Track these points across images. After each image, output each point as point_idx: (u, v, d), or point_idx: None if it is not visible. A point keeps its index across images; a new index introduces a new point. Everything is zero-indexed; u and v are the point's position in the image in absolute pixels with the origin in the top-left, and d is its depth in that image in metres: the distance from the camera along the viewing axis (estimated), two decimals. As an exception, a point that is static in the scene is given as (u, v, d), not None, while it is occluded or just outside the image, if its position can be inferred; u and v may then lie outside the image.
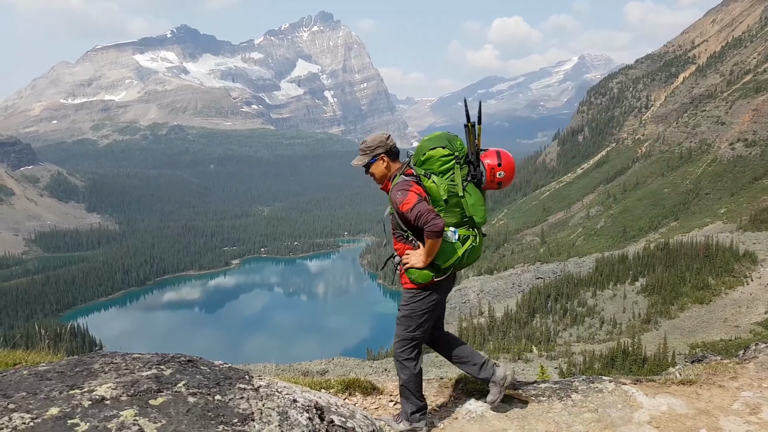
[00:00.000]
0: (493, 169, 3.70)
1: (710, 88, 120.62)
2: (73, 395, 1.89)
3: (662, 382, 4.52)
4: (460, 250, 3.62)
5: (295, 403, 2.28)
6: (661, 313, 55.92)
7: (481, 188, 3.77)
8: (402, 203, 3.47)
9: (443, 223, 3.42)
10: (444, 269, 3.63)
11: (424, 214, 3.38)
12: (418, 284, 3.65)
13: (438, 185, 3.57)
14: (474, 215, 3.67)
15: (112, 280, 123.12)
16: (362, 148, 3.85)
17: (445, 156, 3.64)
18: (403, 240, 3.72)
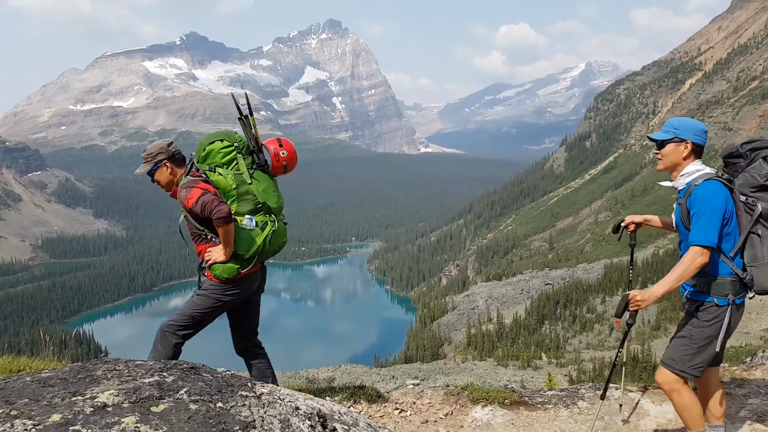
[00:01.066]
0: (276, 151, 3.84)
1: (717, 95, 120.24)
2: (75, 402, 1.89)
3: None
4: (260, 237, 3.67)
5: (298, 411, 2.27)
6: (671, 320, 55.51)
7: (270, 174, 3.86)
8: (186, 199, 3.50)
9: (228, 209, 3.44)
10: (248, 259, 3.66)
11: (208, 203, 3.41)
12: (224, 279, 3.63)
13: (224, 176, 3.61)
14: (267, 201, 3.73)
15: (118, 286, 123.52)
16: (143, 156, 3.85)
17: (224, 148, 3.69)
18: (203, 240, 3.73)
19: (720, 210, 3.06)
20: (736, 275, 3.10)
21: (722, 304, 3.12)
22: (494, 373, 46.07)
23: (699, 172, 3.29)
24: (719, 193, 3.11)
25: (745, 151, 3.30)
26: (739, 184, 3.24)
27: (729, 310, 3.12)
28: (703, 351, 3.20)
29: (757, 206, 3.13)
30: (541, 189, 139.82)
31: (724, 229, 3.11)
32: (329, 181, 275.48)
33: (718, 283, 3.14)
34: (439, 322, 75.34)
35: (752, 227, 3.12)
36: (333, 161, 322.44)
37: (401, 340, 77.43)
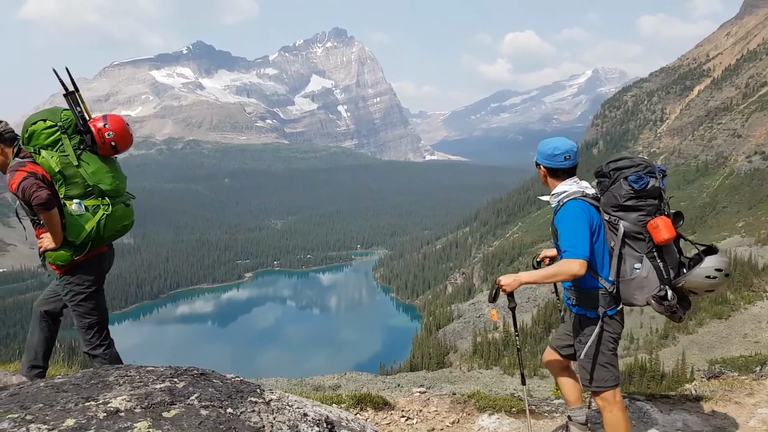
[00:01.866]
0: (101, 131, 3.59)
1: (726, 101, 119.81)
2: (89, 407, 1.93)
3: (678, 399, 4.47)
4: (90, 223, 3.54)
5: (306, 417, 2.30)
6: (679, 329, 55.08)
7: (100, 154, 3.65)
8: (10, 184, 3.39)
9: (46, 194, 3.32)
10: (81, 245, 3.56)
11: (27, 189, 3.29)
12: (61, 266, 3.61)
13: (48, 158, 3.43)
14: (99, 183, 3.56)
15: (126, 293, 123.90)
16: None
17: (48, 128, 3.50)
18: (38, 225, 3.65)
19: (585, 227, 3.21)
20: (606, 289, 3.25)
21: (594, 317, 3.30)
22: (500, 381, 45.82)
23: (565, 192, 3.46)
24: (582, 212, 3.26)
25: (609, 171, 3.43)
26: (603, 203, 3.38)
27: (601, 322, 3.27)
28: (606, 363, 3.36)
29: (619, 226, 3.26)
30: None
31: (593, 246, 3.25)
32: (335, 188, 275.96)
33: (590, 298, 3.31)
34: (444, 330, 75.07)
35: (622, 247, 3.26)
36: (338, 169, 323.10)
37: (406, 348, 77.23)
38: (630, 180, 3.26)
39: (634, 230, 3.24)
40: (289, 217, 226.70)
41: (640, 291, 3.25)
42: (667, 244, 3.27)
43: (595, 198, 3.42)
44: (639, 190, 3.24)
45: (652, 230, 3.21)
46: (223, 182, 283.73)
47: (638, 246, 3.25)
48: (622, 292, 3.28)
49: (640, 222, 3.23)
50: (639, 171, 3.31)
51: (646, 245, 3.24)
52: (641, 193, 3.24)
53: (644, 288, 3.24)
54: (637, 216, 3.24)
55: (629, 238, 3.25)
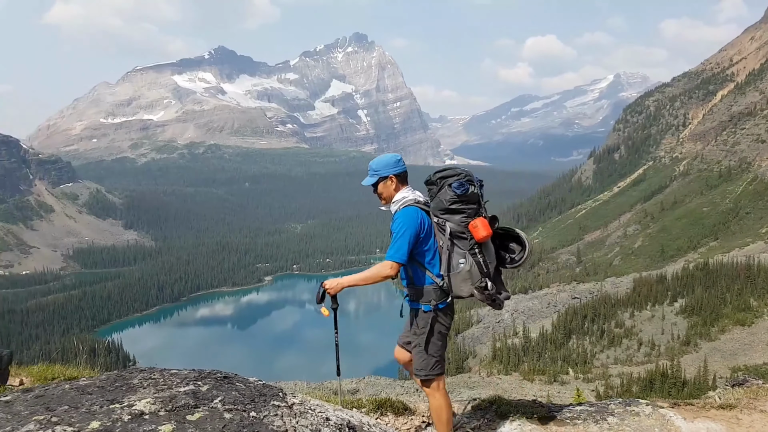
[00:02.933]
0: None
1: (749, 106, 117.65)
2: (114, 409, 1.95)
3: (701, 406, 4.41)
4: None
5: (328, 422, 2.32)
6: (701, 335, 54.15)
7: None
8: None
9: None
10: None
11: None
12: None
13: None
14: None
15: (147, 296, 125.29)
16: None
17: None
18: None
19: (411, 231, 3.68)
20: (436, 284, 3.71)
21: (427, 310, 3.79)
22: (520, 387, 45.41)
23: (404, 199, 3.91)
24: (413, 217, 3.73)
25: (436, 179, 3.91)
26: (432, 208, 3.84)
27: (433, 314, 3.78)
28: (434, 353, 3.89)
29: (446, 227, 3.73)
30: (568, 201, 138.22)
31: (423, 246, 3.75)
32: (354, 193, 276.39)
33: (423, 293, 3.78)
34: (463, 335, 74.67)
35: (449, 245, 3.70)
36: (358, 174, 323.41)
37: (425, 353, 76.89)
38: (453, 186, 3.74)
39: (458, 230, 3.70)
40: (308, 221, 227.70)
41: (464, 283, 3.68)
42: (485, 241, 3.73)
43: (426, 204, 3.90)
44: (461, 195, 3.71)
45: (472, 230, 3.66)
46: (244, 186, 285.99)
47: (462, 244, 3.70)
48: (451, 285, 3.71)
49: (463, 223, 3.69)
50: (461, 179, 3.80)
51: (468, 243, 3.69)
52: (463, 198, 3.71)
53: (468, 280, 3.67)
54: (461, 218, 3.71)
55: (455, 237, 3.70)
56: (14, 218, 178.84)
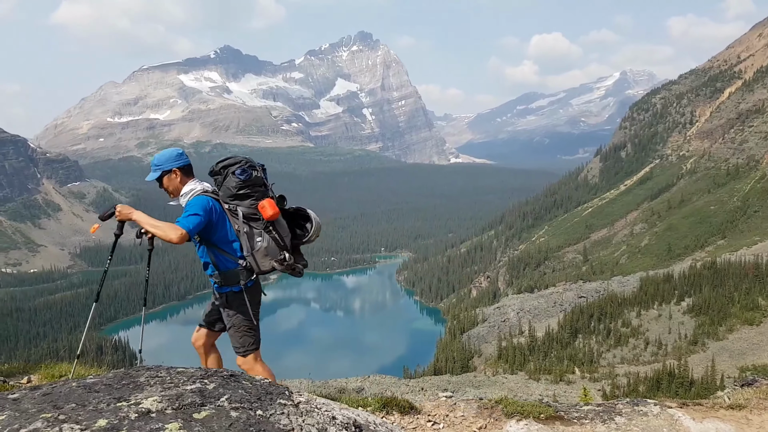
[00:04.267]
0: None
1: (758, 103, 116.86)
2: (120, 407, 1.96)
3: (710, 406, 4.37)
4: None
5: (334, 421, 2.31)
6: (709, 335, 53.91)
7: None
8: None
9: None
10: None
11: None
12: None
13: None
14: None
15: (153, 294, 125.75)
16: None
17: None
18: None
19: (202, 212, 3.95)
20: (241, 265, 4.05)
21: (238, 291, 4.14)
22: (526, 386, 45.34)
23: (192, 190, 4.23)
24: (204, 203, 4.02)
25: (219, 169, 4.27)
26: (222, 196, 4.18)
27: (244, 294, 4.14)
28: (249, 329, 4.34)
29: (238, 211, 4.08)
30: (574, 200, 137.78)
31: (221, 232, 4.07)
32: (359, 191, 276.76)
33: (230, 276, 4.12)
34: (468, 334, 74.65)
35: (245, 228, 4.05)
36: (363, 172, 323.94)
37: (430, 352, 76.93)
38: (237, 174, 4.09)
39: (249, 212, 4.06)
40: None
41: (266, 259, 4.06)
42: (275, 219, 4.08)
43: (215, 192, 4.21)
44: (246, 180, 4.07)
45: (261, 210, 4.02)
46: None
47: (256, 224, 4.07)
48: (255, 264, 4.07)
49: (252, 205, 4.06)
50: (242, 166, 4.14)
51: (261, 223, 4.06)
52: (248, 182, 4.08)
53: (268, 256, 4.06)
54: (250, 201, 4.08)
55: (249, 220, 4.06)
56: (22, 217, 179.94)
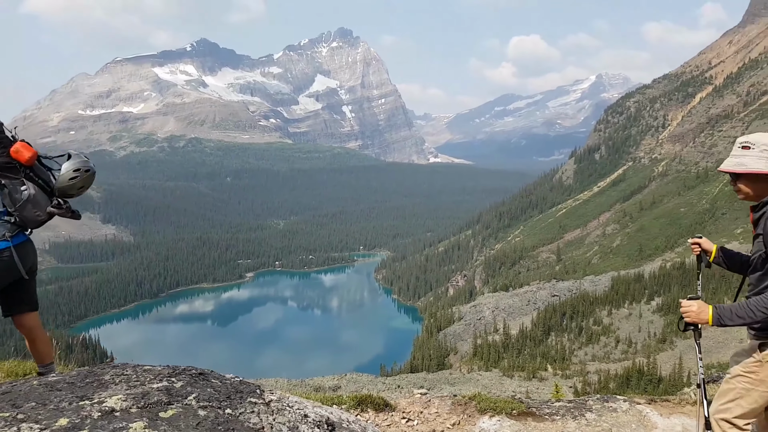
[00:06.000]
0: None
1: (727, 109, 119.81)
2: (83, 406, 1.90)
3: (677, 402, 4.48)
4: None
5: (306, 419, 2.29)
6: (677, 333, 55.04)
7: None
8: None
9: None
10: None
11: None
12: None
13: None
14: None
15: (125, 291, 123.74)
16: None
17: None
18: None
19: None
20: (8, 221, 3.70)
21: (5, 246, 3.69)
22: (500, 383, 45.76)
23: None
24: None
25: None
26: None
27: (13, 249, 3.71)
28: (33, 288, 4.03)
29: None
30: (549, 201, 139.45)
31: None
32: (338, 189, 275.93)
33: None
34: (445, 332, 75.07)
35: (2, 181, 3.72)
36: (342, 170, 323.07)
37: (407, 350, 77.17)
38: None
39: (4, 162, 3.72)
40: (291, 217, 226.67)
41: (38, 207, 3.76)
42: (34, 163, 3.83)
43: None
44: None
45: (16, 155, 3.73)
46: (225, 181, 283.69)
47: (14, 173, 3.74)
48: (26, 217, 3.74)
49: (4, 153, 3.73)
50: None
51: (20, 170, 3.75)
52: None
53: (40, 202, 3.77)
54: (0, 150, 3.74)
55: (5, 171, 3.72)
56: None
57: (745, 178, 3.20)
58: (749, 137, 3.22)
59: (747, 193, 3.23)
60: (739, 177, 3.23)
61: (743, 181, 3.22)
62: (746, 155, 3.17)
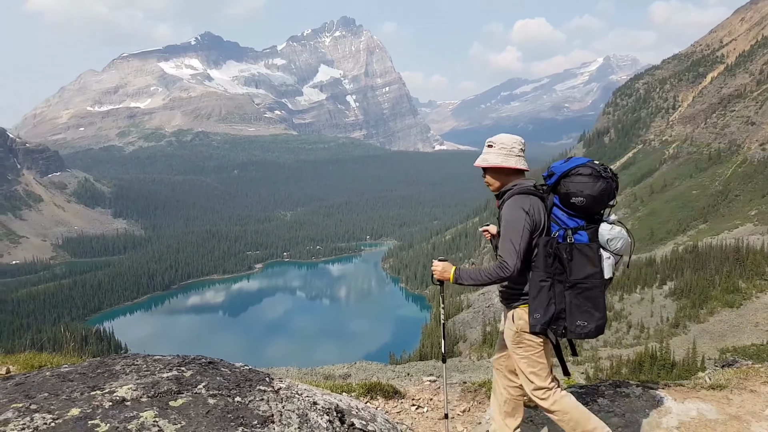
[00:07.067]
0: None
1: (739, 88, 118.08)
2: (94, 396, 1.93)
3: (691, 387, 4.41)
4: None
5: (316, 406, 2.31)
6: (690, 317, 54.82)
7: None
8: None
9: None
10: None
11: None
12: None
13: None
14: None
15: (137, 284, 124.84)
16: None
17: None
18: None
19: None
20: None
21: None
22: (511, 370, 45.81)
23: None
24: None
25: None
26: None
27: None
28: None
29: None
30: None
31: None
32: (343, 179, 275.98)
33: None
34: (454, 320, 75.14)
35: None
36: (347, 160, 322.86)
37: (416, 338, 77.43)
38: None
39: None
40: (298, 208, 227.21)
41: None
42: None
43: None
44: None
45: None
46: (233, 174, 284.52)
47: None
48: None
49: None
50: None
51: None
52: None
53: None
54: None
55: None
56: (3, 208, 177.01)
57: (490, 171, 3.68)
58: (493, 138, 3.72)
59: (493, 183, 3.70)
60: (486, 171, 3.71)
61: (489, 174, 3.70)
62: (490, 152, 3.67)
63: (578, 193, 3.37)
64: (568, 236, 3.38)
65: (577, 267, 3.34)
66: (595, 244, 3.41)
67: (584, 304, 3.36)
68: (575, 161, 3.51)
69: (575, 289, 3.35)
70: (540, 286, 3.37)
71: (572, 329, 3.39)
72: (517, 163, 3.59)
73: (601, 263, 3.41)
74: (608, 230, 3.43)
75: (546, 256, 3.37)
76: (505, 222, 3.43)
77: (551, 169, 3.57)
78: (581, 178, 3.40)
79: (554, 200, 3.51)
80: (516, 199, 3.46)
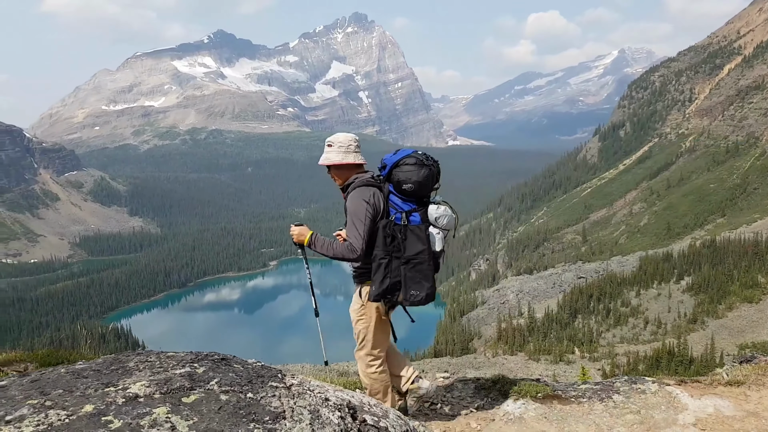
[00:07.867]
0: None
1: (758, 80, 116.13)
2: (108, 393, 1.95)
3: (708, 383, 4.37)
4: None
5: (327, 402, 2.31)
6: (708, 313, 54.18)
7: None
8: None
9: None
10: None
11: None
12: None
13: None
14: None
15: (154, 282, 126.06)
16: None
17: None
18: None
19: None
20: None
21: None
22: (525, 367, 45.67)
23: None
24: None
25: None
26: None
27: None
28: None
29: None
30: (573, 180, 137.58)
31: None
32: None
33: None
34: (468, 316, 75.05)
35: None
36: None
37: (430, 335, 77.33)
38: None
39: None
40: (311, 205, 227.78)
41: None
42: None
43: None
44: None
45: None
46: (247, 171, 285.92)
47: None
48: None
49: None
50: None
51: None
52: None
53: None
54: None
55: None
56: (20, 207, 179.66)
57: (333, 169, 4.22)
58: (332, 137, 4.25)
59: (338, 179, 4.27)
60: (330, 168, 4.24)
61: (333, 171, 4.24)
62: (330, 151, 4.18)
63: (407, 180, 3.93)
64: (404, 219, 3.90)
65: (410, 245, 3.85)
66: (425, 224, 3.93)
67: (416, 276, 3.89)
68: (402, 153, 4.14)
69: (409, 264, 3.86)
70: (380, 263, 3.88)
71: (407, 298, 3.96)
72: (356, 159, 4.19)
73: (429, 241, 3.93)
74: (435, 210, 4.00)
75: (385, 237, 3.86)
76: (351, 212, 3.98)
77: (383, 161, 4.16)
78: (408, 167, 3.97)
79: (389, 188, 4.04)
80: (358, 191, 4.00)
